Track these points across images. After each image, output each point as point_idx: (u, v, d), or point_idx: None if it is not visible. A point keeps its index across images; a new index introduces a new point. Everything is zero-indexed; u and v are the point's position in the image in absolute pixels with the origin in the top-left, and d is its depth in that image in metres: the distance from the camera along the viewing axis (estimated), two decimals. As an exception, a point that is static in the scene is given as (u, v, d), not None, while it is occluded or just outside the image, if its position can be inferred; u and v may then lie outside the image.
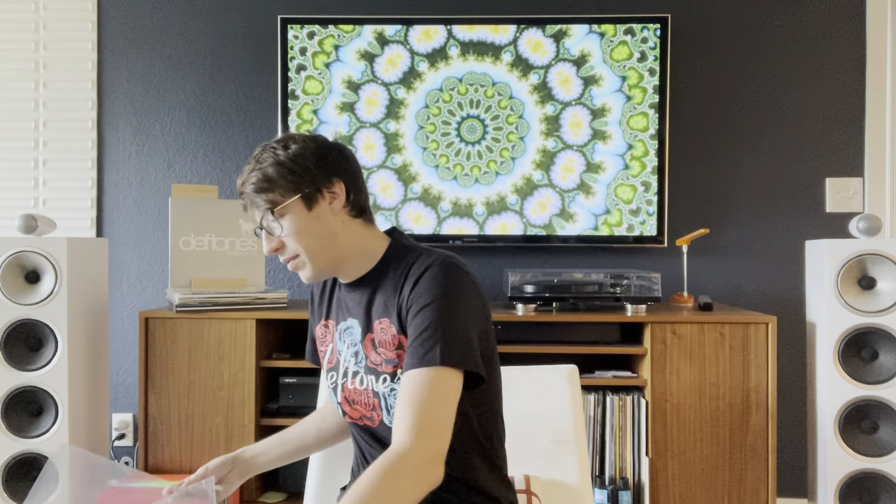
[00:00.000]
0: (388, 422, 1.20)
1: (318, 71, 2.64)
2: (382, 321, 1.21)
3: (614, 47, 2.59)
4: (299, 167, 1.19)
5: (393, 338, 1.19)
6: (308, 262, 1.21)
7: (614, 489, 2.21)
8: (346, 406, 1.27)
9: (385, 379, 1.20)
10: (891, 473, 2.03)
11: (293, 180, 1.18)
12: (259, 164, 1.20)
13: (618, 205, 2.61)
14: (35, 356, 2.13)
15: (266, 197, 1.18)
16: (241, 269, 2.45)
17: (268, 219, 1.19)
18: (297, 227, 1.19)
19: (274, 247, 1.21)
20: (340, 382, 1.27)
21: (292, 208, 1.18)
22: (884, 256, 2.04)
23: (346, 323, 1.27)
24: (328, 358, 1.31)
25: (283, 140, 1.22)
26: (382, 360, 1.20)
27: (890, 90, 2.66)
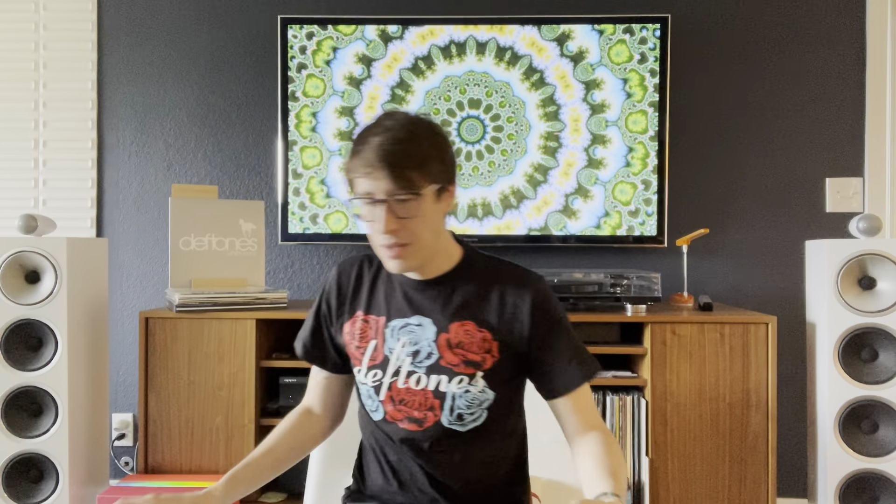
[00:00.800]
0: (446, 422, 1.21)
1: (319, 69, 2.64)
2: (466, 324, 1.21)
3: (612, 45, 2.59)
4: (448, 157, 1.19)
5: (482, 342, 1.20)
6: (415, 254, 1.17)
7: (614, 489, 2.20)
8: (389, 405, 1.24)
9: (462, 380, 1.20)
10: (891, 473, 2.03)
11: (440, 169, 1.16)
12: (412, 140, 1.13)
13: (616, 207, 2.61)
14: (35, 356, 2.13)
15: (410, 174, 1.12)
16: (241, 269, 2.45)
17: (401, 197, 1.12)
18: (424, 215, 1.15)
19: (395, 227, 1.13)
20: (388, 381, 1.24)
21: (428, 195, 1.15)
22: (884, 256, 2.04)
23: (407, 320, 1.24)
24: (369, 355, 1.26)
25: (426, 120, 1.18)
26: (461, 360, 1.20)
27: (890, 90, 2.66)
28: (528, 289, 1.22)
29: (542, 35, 2.60)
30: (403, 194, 1.12)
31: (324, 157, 2.65)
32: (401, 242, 1.15)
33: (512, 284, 1.23)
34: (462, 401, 1.20)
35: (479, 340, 1.21)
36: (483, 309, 1.22)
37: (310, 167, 2.65)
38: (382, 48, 2.63)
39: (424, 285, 1.24)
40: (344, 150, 2.64)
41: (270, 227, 2.75)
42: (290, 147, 2.65)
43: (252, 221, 2.47)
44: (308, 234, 2.66)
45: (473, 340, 1.21)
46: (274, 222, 2.76)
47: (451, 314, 1.22)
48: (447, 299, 1.23)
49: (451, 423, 1.21)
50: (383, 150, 1.11)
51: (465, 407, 1.21)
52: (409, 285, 1.25)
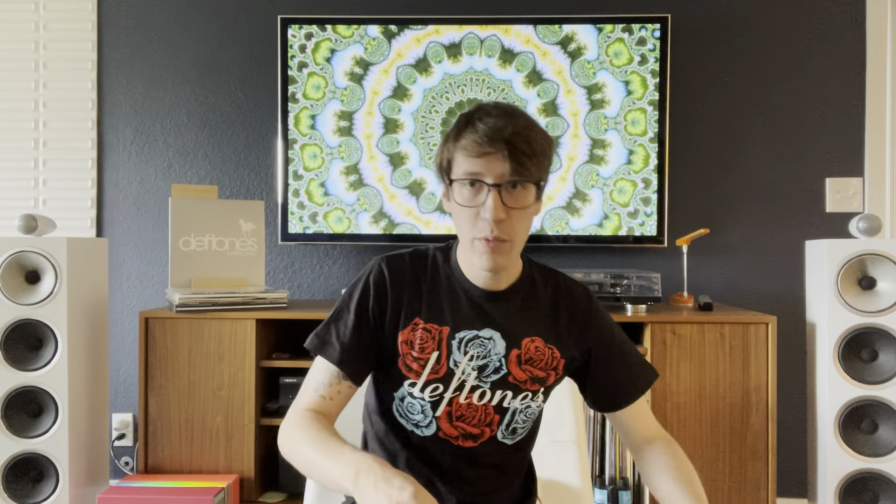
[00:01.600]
0: (501, 437, 1.18)
1: (320, 66, 2.64)
2: (536, 340, 1.18)
3: (611, 43, 2.59)
4: (552, 154, 1.14)
5: (552, 359, 1.19)
6: (510, 251, 1.10)
7: (614, 489, 2.21)
8: (446, 422, 1.15)
9: (527, 396, 1.18)
10: (891, 473, 2.03)
11: (548, 167, 1.13)
12: (535, 128, 1.09)
13: (615, 209, 2.61)
14: (35, 356, 2.13)
15: (529, 162, 1.06)
16: (241, 269, 2.45)
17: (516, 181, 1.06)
18: (529, 209, 1.10)
19: (502, 216, 1.06)
20: (449, 396, 1.14)
21: (532, 190, 1.09)
22: (884, 256, 2.03)
23: (476, 332, 1.15)
24: (430, 368, 1.14)
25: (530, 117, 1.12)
26: (528, 377, 1.18)
27: (890, 90, 2.66)
28: (588, 303, 1.23)
29: (542, 35, 2.60)
30: (519, 180, 1.05)
31: (324, 155, 2.65)
32: (502, 237, 1.07)
33: (572, 299, 1.23)
34: (522, 416, 1.19)
35: (548, 357, 1.19)
36: (551, 325, 1.20)
37: (311, 169, 2.65)
38: (382, 47, 2.63)
39: (494, 296, 1.17)
40: (344, 147, 2.64)
41: (270, 227, 2.75)
42: (290, 146, 2.65)
43: (252, 221, 2.47)
44: (308, 234, 2.66)
45: (543, 357, 1.18)
46: (274, 222, 2.76)
47: (523, 329, 1.18)
48: (517, 312, 1.18)
49: (504, 437, 1.19)
50: (508, 131, 1.04)
51: (521, 422, 1.20)
52: (478, 295, 1.17)
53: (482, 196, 1.06)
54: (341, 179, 2.64)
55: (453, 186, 1.10)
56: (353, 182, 2.64)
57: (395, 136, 2.64)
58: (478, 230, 1.08)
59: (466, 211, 1.08)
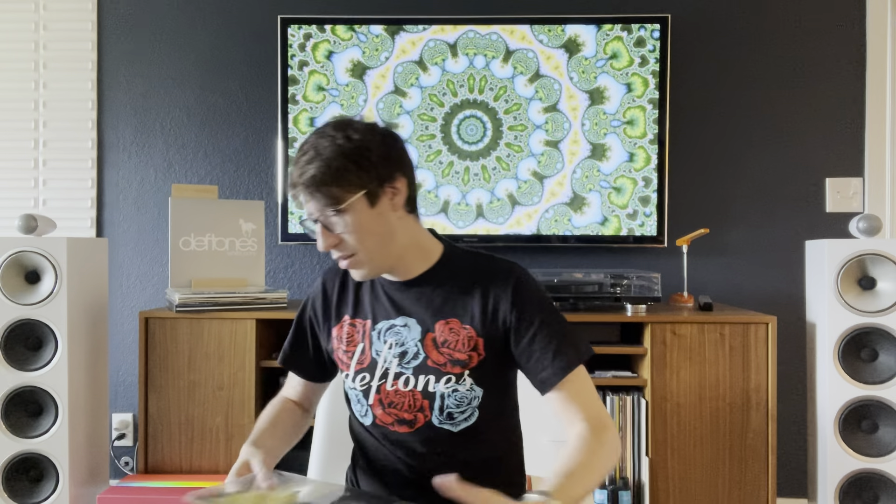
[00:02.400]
0: (437, 422, 1.20)
1: (321, 63, 2.64)
2: (451, 321, 1.20)
3: (609, 41, 2.59)
4: (365, 160, 1.12)
5: (468, 339, 1.19)
6: (367, 261, 1.16)
7: (614, 489, 2.21)
8: (379, 409, 1.23)
9: (449, 379, 1.19)
10: (891, 473, 2.03)
11: (358, 175, 1.12)
12: (320, 155, 1.11)
13: (614, 211, 2.61)
14: (35, 356, 2.13)
15: (328, 191, 1.11)
16: (241, 269, 2.45)
17: (327, 214, 1.13)
18: (359, 225, 1.13)
19: (332, 243, 1.15)
20: (376, 384, 1.22)
21: (355, 205, 1.12)
22: (884, 256, 2.04)
23: (393, 322, 1.23)
24: (357, 359, 1.25)
25: (341, 128, 1.14)
26: (447, 360, 1.19)
27: (890, 90, 2.66)
28: (507, 280, 1.20)
29: (542, 35, 2.60)
30: (328, 212, 1.12)
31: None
32: (345, 255, 1.16)
33: (492, 277, 1.21)
34: (451, 400, 1.19)
35: (463, 338, 1.19)
36: (465, 305, 1.21)
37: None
38: (382, 47, 2.63)
39: (405, 286, 1.23)
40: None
41: (270, 227, 2.75)
42: (289, 145, 2.65)
43: (252, 221, 2.47)
44: (308, 234, 2.66)
45: (458, 338, 1.19)
46: (274, 222, 2.76)
47: (435, 312, 1.21)
48: (430, 298, 1.22)
49: (441, 422, 1.20)
50: (297, 172, 1.13)
51: (454, 406, 1.20)
52: (391, 287, 1.24)
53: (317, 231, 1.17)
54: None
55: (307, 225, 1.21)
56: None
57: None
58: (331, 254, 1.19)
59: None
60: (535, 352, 1.18)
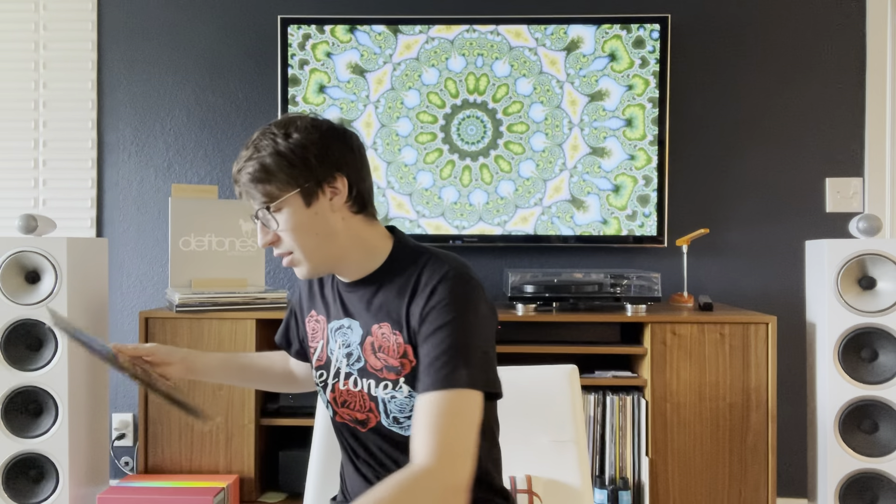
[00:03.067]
0: (387, 424, 1.18)
1: (321, 62, 2.64)
2: (383, 326, 1.16)
3: (608, 38, 2.59)
4: (299, 159, 1.11)
5: (397, 346, 1.14)
6: (304, 261, 1.15)
7: (614, 489, 2.21)
8: (336, 406, 1.24)
9: (386, 385, 1.15)
10: (891, 473, 2.03)
11: (291, 174, 1.10)
12: (257, 153, 1.12)
13: (614, 213, 2.61)
14: (35, 356, 2.13)
15: (263, 189, 1.11)
16: (241, 269, 2.45)
17: (263, 212, 1.13)
18: (294, 224, 1.12)
19: (269, 240, 1.15)
20: (331, 382, 1.23)
21: (290, 203, 1.11)
22: (884, 256, 2.04)
23: (341, 322, 1.22)
24: (318, 355, 1.27)
25: (283, 125, 1.13)
26: (383, 365, 1.16)
27: (890, 90, 2.66)
28: (436, 275, 1.12)
29: (542, 35, 2.60)
30: (262, 209, 1.13)
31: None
32: (283, 253, 1.16)
33: (425, 275, 1.13)
34: (393, 405, 1.16)
35: (394, 344, 1.14)
36: (398, 309, 1.14)
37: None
38: (384, 44, 2.63)
39: (352, 286, 1.21)
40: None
41: (270, 227, 2.75)
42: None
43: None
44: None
45: (390, 345, 1.15)
46: (274, 222, 2.75)
47: (372, 316, 1.17)
48: (370, 300, 1.18)
49: (390, 425, 1.17)
50: (235, 169, 1.15)
51: (398, 411, 1.16)
52: (341, 286, 1.23)
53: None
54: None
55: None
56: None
57: (394, 136, 2.64)
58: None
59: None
60: (428, 352, 1.08)
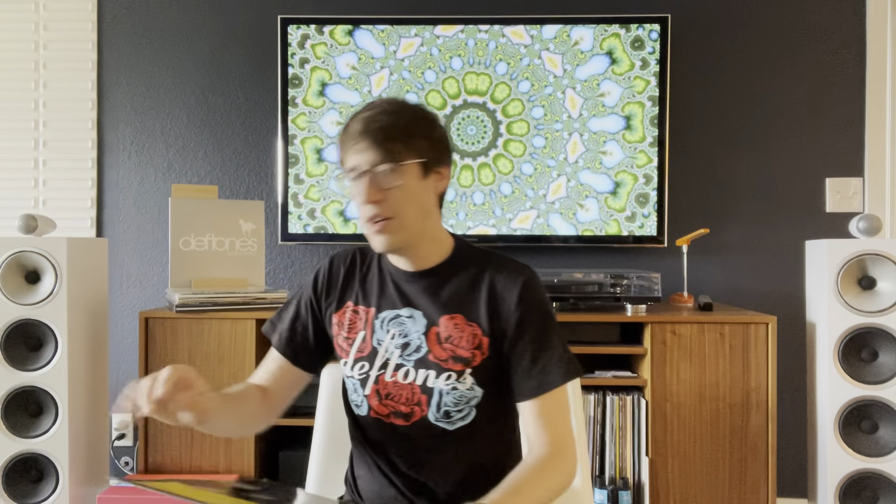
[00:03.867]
0: (433, 418, 1.19)
1: (321, 59, 2.64)
2: (456, 317, 1.19)
3: (607, 36, 2.59)
4: (437, 134, 1.19)
5: (472, 336, 1.18)
6: (400, 229, 1.15)
7: (614, 489, 2.21)
8: (375, 400, 1.21)
9: (449, 376, 1.17)
10: (891, 473, 2.03)
11: (424, 145, 1.16)
12: (395, 111, 1.16)
13: (613, 215, 2.61)
14: (35, 356, 2.13)
15: (391, 146, 1.13)
16: (241, 269, 2.45)
17: (381, 169, 1.13)
18: (408, 190, 1.15)
19: (377, 198, 1.13)
20: (375, 374, 1.21)
21: (411, 169, 1.15)
22: (884, 256, 2.04)
23: (398, 312, 1.22)
24: (357, 346, 1.23)
25: (415, 103, 1.21)
26: (449, 356, 1.18)
27: (890, 90, 2.66)
28: (517, 282, 1.19)
29: (542, 35, 2.60)
30: (385, 164, 1.12)
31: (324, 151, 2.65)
32: (384, 216, 1.14)
33: (502, 277, 1.20)
34: (449, 398, 1.18)
35: (468, 335, 1.18)
36: (473, 302, 1.20)
37: (313, 175, 2.65)
38: (387, 41, 2.63)
39: (415, 276, 1.22)
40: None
41: (270, 227, 2.75)
42: (289, 144, 2.65)
43: (252, 221, 2.47)
44: (308, 234, 2.66)
45: (463, 335, 1.18)
46: (274, 222, 2.76)
47: (442, 307, 1.20)
48: (437, 291, 1.21)
49: (437, 419, 1.19)
50: (368, 122, 1.14)
51: (452, 404, 1.18)
52: (400, 276, 1.23)
53: (361, 183, 1.15)
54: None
55: (343, 181, 1.19)
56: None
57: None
58: (364, 214, 1.16)
59: (355, 202, 1.17)
60: (525, 359, 1.17)
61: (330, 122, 2.65)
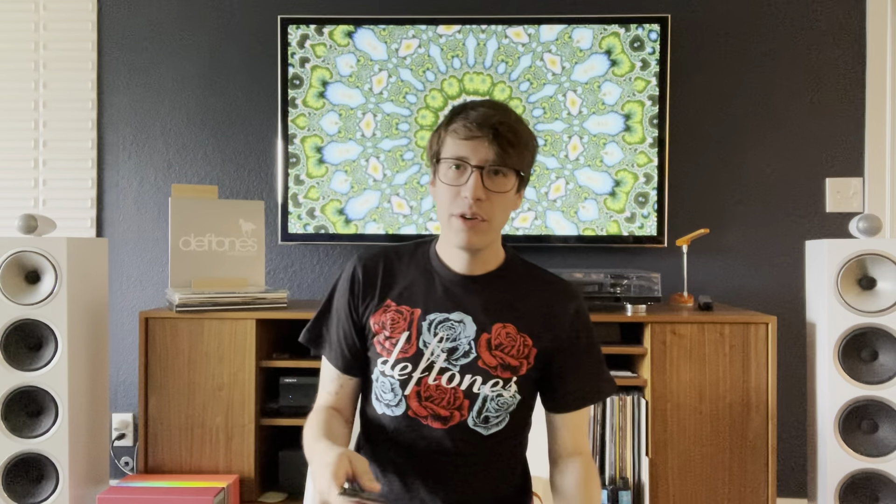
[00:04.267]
0: (472, 423, 1.20)
1: (321, 58, 2.64)
2: (508, 326, 1.21)
3: (607, 35, 2.59)
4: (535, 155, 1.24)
5: (523, 346, 1.21)
6: (490, 231, 1.18)
7: (614, 489, 2.21)
8: (415, 401, 1.20)
9: (496, 383, 1.19)
10: (891, 473, 2.03)
11: (530, 160, 1.21)
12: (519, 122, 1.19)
13: (613, 217, 2.61)
14: (35, 356, 2.13)
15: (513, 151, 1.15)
16: (241, 269, 2.45)
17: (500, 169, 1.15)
18: (506, 196, 1.18)
19: (483, 196, 1.14)
20: (418, 376, 1.20)
21: (514, 179, 1.18)
22: (884, 256, 2.03)
23: (447, 315, 1.21)
24: (400, 347, 1.21)
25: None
26: (498, 363, 1.19)
27: (890, 90, 2.66)
28: (570, 300, 1.25)
29: (542, 34, 2.60)
30: (500, 167, 1.14)
31: (324, 157, 2.65)
32: (482, 216, 1.14)
33: (555, 293, 1.26)
34: (493, 404, 1.19)
35: (519, 345, 1.20)
36: (525, 313, 1.22)
37: (313, 176, 2.65)
38: (389, 39, 2.63)
39: (468, 281, 1.23)
40: (344, 144, 2.63)
41: (270, 227, 2.75)
42: (290, 141, 2.65)
43: (252, 221, 2.47)
44: (308, 234, 2.66)
45: (514, 344, 1.20)
46: (274, 222, 2.76)
47: (495, 314, 1.21)
48: (490, 298, 1.22)
49: (476, 424, 1.20)
50: (495, 119, 1.14)
51: (493, 410, 1.20)
52: (451, 280, 1.23)
53: (465, 177, 1.14)
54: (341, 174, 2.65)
55: (440, 166, 1.17)
56: (354, 181, 2.65)
57: (394, 135, 2.64)
58: (456, 206, 1.15)
59: (449, 189, 1.16)
60: (579, 373, 1.24)
61: (330, 122, 2.65)
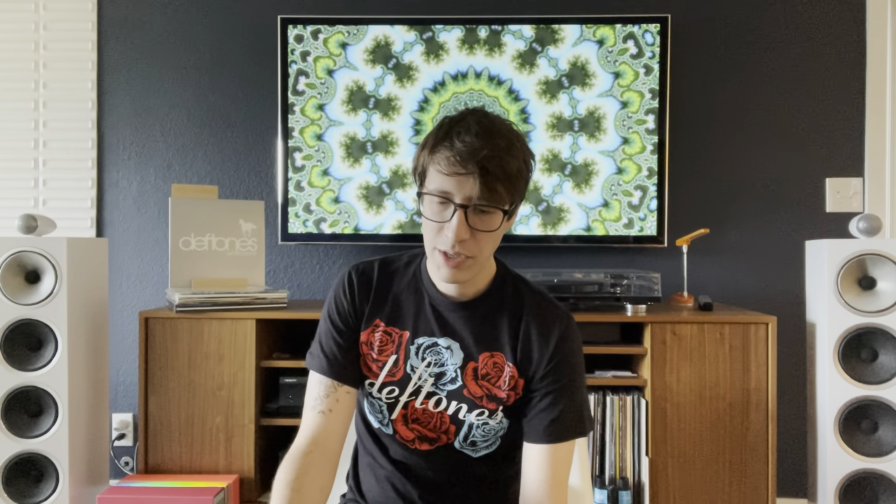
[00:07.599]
0: (458, 446, 1.18)
1: (321, 58, 2.64)
2: (496, 355, 1.16)
3: (601, 28, 2.59)
4: (526, 182, 1.11)
5: (509, 378, 1.15)
6: (472, 267, 1.10)
7: (614, 489, 2.21)
8: (401, 424, 1.18)
9: (482, 412, 1.15)
10: (891, 473, 2.03)
11: (522, 189, 1.10)
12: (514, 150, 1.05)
13: (609, 221, 2.61)
14: (35, 356, 2.13)
15: (500, 188, 1.04)
16: (241, 269, 2.45)
17: (482, 207, 1.05)
18: (494, 233, 1.08)
19: (466, 237, 1.05)
20: (404, 400, 1.17)
21: (500, 215, 1.07)
22: (884, 256, 2.03)
23: (435, 340, 1.17)
24: (388, 370, 1.17)
25: (519, 131, 1.11)
26: (484, 394, 1.16)
27: (890, 90, 2.66)
28: (555, 326, 1.16)
29: (542, 35, 2.60)
30: (486, 206, 1.04)
31: (322, 159, 2.65)
32: (466, 254, 1.07)
33: (542, 318, 1.17)
34: (479, 431, 1.17)
35: (506, 376, 1.16)
36: (511, 341, 1.16)
37: (315, 185, 2.65)
38: (379, 49, 2.63)
39: (457, 306, 1.17)
40: (343, 149, 2.64)
41: (270, 227, 2.75)
42: (289, 139, 2.65)
43: (252, 221, 2.47)
44: (308, 234, 2.66)
45: (501, 375, 1.16)
46: (274, 222, 2.76)
47: (483, 343, 1.16)
48: (479, 325, 1.17)
49: (462, 447, 1.19)
50: (482, 154, 1.02)
51: (480, 437, 1.18)
52: (441, 303, 1.17)
53: (449, 213, 1.05)
54: (341, 168, 2.64)
55: (424, 199, 1.09)
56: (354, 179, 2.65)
57: (394, 135, 2.64)
58: (440, 241, 1.07)
59: (433, 224, 1.08)
60: (544, 403, 1.14)
61: (330, 119, 2.65)
